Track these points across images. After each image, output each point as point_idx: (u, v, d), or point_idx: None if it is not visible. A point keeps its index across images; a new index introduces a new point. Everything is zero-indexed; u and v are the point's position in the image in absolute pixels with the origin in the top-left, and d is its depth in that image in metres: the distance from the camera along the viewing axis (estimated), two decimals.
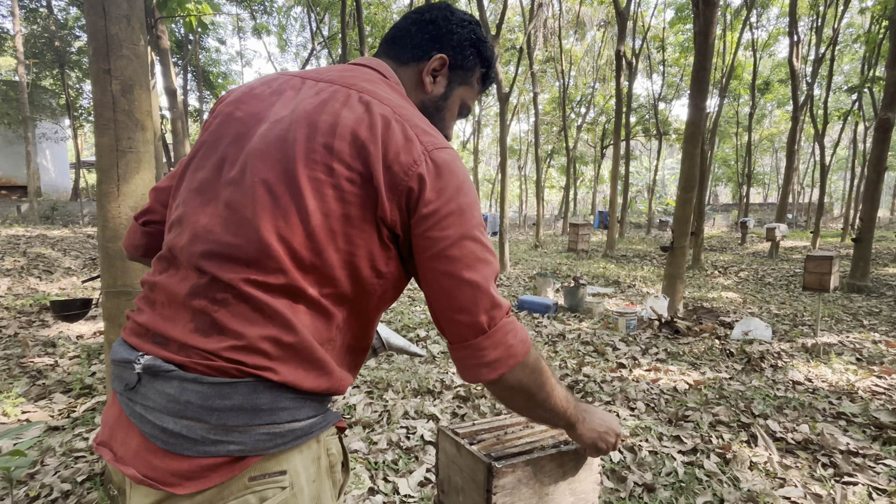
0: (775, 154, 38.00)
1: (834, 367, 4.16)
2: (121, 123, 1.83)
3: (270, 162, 0.71)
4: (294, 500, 0.70)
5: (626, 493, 2.27)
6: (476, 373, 0.75)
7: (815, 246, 14.03)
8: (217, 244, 0.70)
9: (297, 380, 0.70)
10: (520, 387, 0.78)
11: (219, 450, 0.65)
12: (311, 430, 0.73)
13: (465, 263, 0.72)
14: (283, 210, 0.69)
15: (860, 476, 2.44)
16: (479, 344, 0.73)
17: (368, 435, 2.79)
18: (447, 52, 0.89)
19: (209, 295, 0.69)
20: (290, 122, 0.73)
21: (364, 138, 0.71)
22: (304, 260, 0.70)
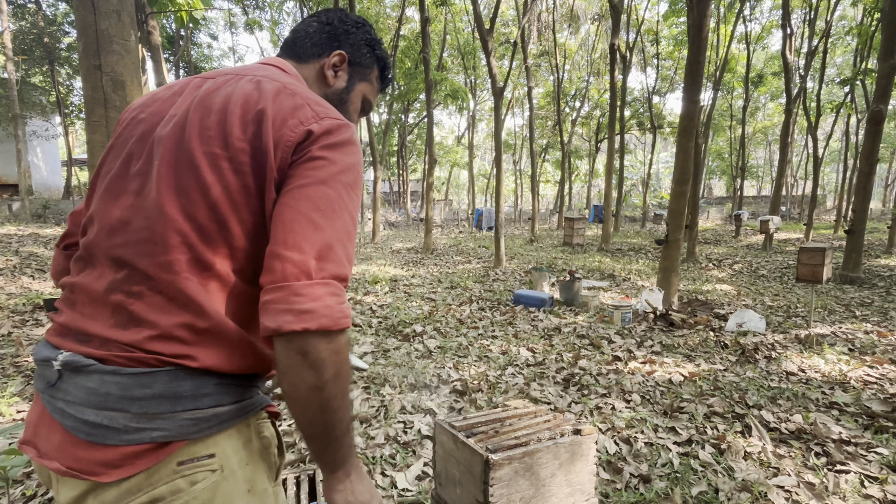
0: (769, 147, 38.16)
1: (827, 358, 4.20)
2: (113, 120, 1.81)
3: (170, 146, 0.73)
4: (226, 482, 0.71)
5: (623, 484, 2.29)
6: (279, 318, 0.66)
7: (809, 238, 14.13)
8: (131, 232, 0.72)
9: (219, 363, 0.71)
10: (316, 360, 0.66)
11: (142, 437, 0.66)
12: (238, 414, 0.74)
13: (319, 207, 0.70)
14: (185, 187, 0.71)
15: (852, 464, 2.47)
16: (297, 288, 0.66)
17: (366, 430, 2.80)
18: (346, 50, 0.95)
19: (125, 288, 0.71)
20: (188, 110, 0.76)
21: (254, 109, 0.73)
22: (210, 233, 0.71)
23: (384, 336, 4.80)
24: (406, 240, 15.79)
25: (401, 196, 28.82)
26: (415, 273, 9.05)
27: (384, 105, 24.70)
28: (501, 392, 3.41)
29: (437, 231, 19.91)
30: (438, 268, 9.81)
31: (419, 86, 17.79)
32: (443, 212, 27.35)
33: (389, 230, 20.46)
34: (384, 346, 4.43)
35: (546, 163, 31.65)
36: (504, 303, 6.49)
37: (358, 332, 4.90)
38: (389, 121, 24.94)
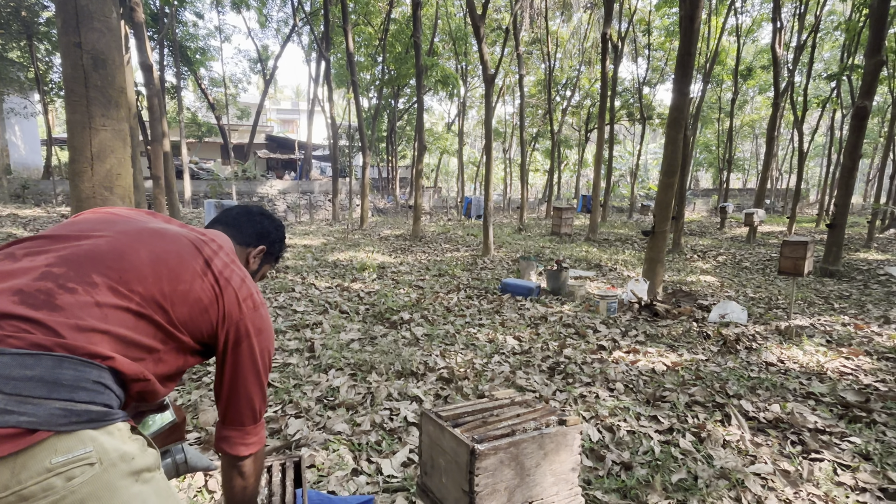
0: (755, 140, 38.54)
1: (805, 349, 4.30)
2: (94, 100, 1.76)
3: (173, 243, 1.01)
4: (107, 474, 0.73)
5: (605, 472, 2.33)
6: (237, 447, 1.10)
7: (791, 231, 14.36)
8: (104, 258, 0.91)
9: (105, 352, 0.80)
10: (251, 469, 1.14)
11: (7, 420, 0.65)
12: (107, 417, 0.77)
13: (260, 376, 1.10)
14: (171, 270, 0.97)
15: (826, 452, 2.54)
16: (248, 429, 1.11)
17: (352, 417, 2.81)
18: (266, 245, 1.33)
19: (63, 283, 0.83)
20: (186, 235, 1.06)
21: (223, 278, 1.04)
22: (165, 303, 0.94)
23: (371, 323, 4.80)
24: (394, 227, 15.73)
25: (389, 182, 28.63)
26: (403, 260, 9.04)
27: (374, 90, 24.40)
28: (487, 380, 3.44)
29: (426, 218, 19.85)
30: (427, 255, 9.80)
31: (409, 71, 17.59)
32: (431, 199, 27.25)
33: (378, 217, 20.35)
34: (371, 332, 4.43)
35: (536, 152, 31.63)
36: (491, 291, 6.51)
37: (345, 318, 4.89)
38: (379, 106, 24.66)
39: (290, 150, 30.27)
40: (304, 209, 20.02)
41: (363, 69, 22.31)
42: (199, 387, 3.11)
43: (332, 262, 8.47)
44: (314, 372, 3.46)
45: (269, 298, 5.62)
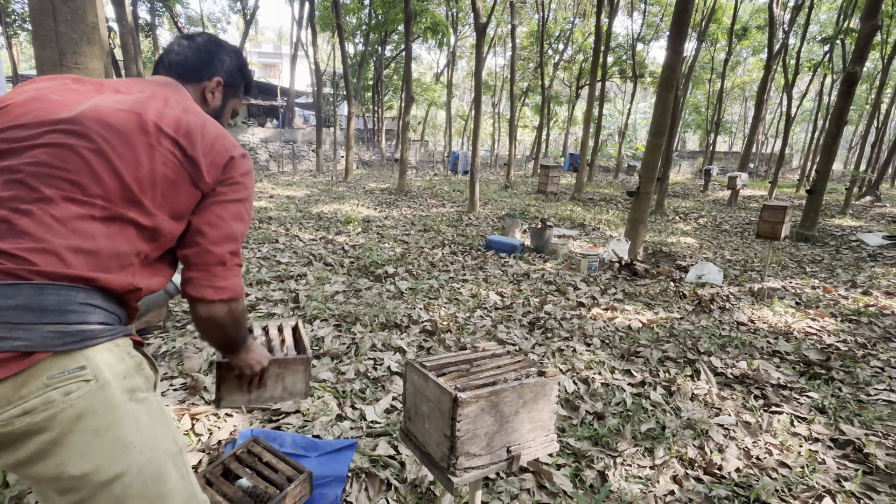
0: (745, 103, 38.35)
1: (775, 310, 4.47)
2: (64, 35, 1.66)
3: (114, 125, 0.88)
4: (103, 391, 0.78)
5: (579, 421, 2.45)
6: (203, 290, 0.96)
7: (772, 196, 14.59)
8: (49, 168, 0.82)
9: (85, 273, 0.80)
10: (223, 318, 1.00)
11: (2, 346, 0.70)
12: (103, 334, 0.81)
13: (234, 217, 1.00)
14: (123, 158, 0.87)
15: (785, 406, 2.70)
16: (215, 271, 0.97)
17: (336, 366, 2.87)
18: (222, 76, 1.16)
19: (15, 206, 0.78)
20: (123, 105, 0.92)
21: (184, 128, 0.94)
22: (132, 195, 0.87)
23: (356, 276, 4.82)
24: (380, 180, 15.53)
25: (375, 134, 27.99)
26: (388, 214, 8.99)
27: (360, 35, 23.40)
28: (469, 333, 3.52)
29: (412, 172, 19.61)
30: (412, 210, 9.76)
31: (398, 16, 16.87)
32: (418, 153, 26.82)
33: (363, 169, 20.03)
34: (356, 285, 4.46)
35: (525, 107, 31.08)
36: (476, 248, 6.56)
37: (330, 271, 4.91)
38: (365, 52, 23.74)
39: (273, 96, 29.21)
40: (286, 159, 19.57)
41: (349, 12, 21.29)
42: (184, 334, 3.13)
43: (317, 214, 8.38)
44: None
45: (252, 249, 5.59)
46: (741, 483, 2.03)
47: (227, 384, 1.25)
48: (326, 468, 1.87)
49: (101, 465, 0.77)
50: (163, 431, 0.87)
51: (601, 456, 2.16)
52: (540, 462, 2.05)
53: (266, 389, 1.29)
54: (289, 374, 1.31)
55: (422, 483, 1.88)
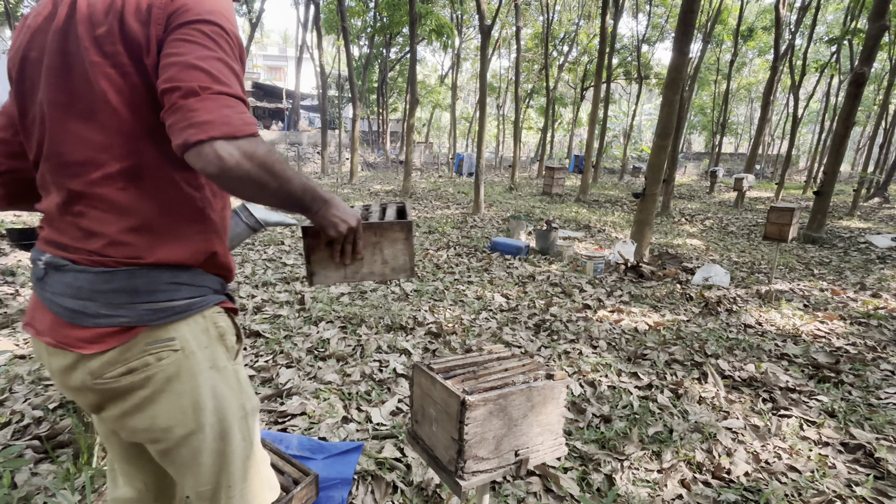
0: (751, 104, 38.17)
1: (783, 313, 4.44)
2: None
3: (67, 73, 0.81)
4: (187, 360, 0.89)
5: (585, 424, 2.43)
6: (184, 133, 0.71)
7: (779, 197, 14.50)
8: (56, 158, 0.84)
9: (168, 257, 0.85)
10: (233, 164, 0.72)
11: (111, 321, 0.83)
12: (190, 308, 0.89)
13: (180, 45, 0.76)
14: (83, 106, 0.80)
15: (794, 410, 2.68)
16: (189, 104, 0.72)
17: (342, 367, 2.87)
18: None
19: (71, 209, 0.84)
20: (65, 29, 0.81)
21: (111, 6, 0.78)
22: (116, 143, 0.81)
23: None
24: (384, 182, 15.55)
25: (380, 136, 28.05)
26: None
27: (365, 38, 23.47)
28: (475, 335, 3.51)
29: (417, 174, 19.63)
30: (417, 212, 9.76)
31: (403, 18, 16.90)
32: (423, 154, 26.86)
33: (367, 171, 20.07)
34: (361, 287, 4.46)
35: (530, 109, 31.06)
36: (481, 249, 6.55)
37: None
38: (370, 55, 23.81)
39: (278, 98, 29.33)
40: (292, 161, 19.64)
41: (354, 15, 21.36)
42: None
43: None
44: (305, 324, 3.50)
45: (258, 251, 5.60)
46: (750, 487, 2.01)
47: (318, 254, 1.06)
48: (332, 470, 1.87)
49: (182, 422, 0.89)
50: (234, 398, 0.96)
51: (608, 459, 2.14)
52: (547, 465, 2.04)
53: (363, 263, 1.10)
54: (387, 244, 1.10)
55: (428, 486, 1.87)
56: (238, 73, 0.79)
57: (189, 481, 0.95)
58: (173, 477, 0.98)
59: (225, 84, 0.75)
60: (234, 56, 0.79)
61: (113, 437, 1.03)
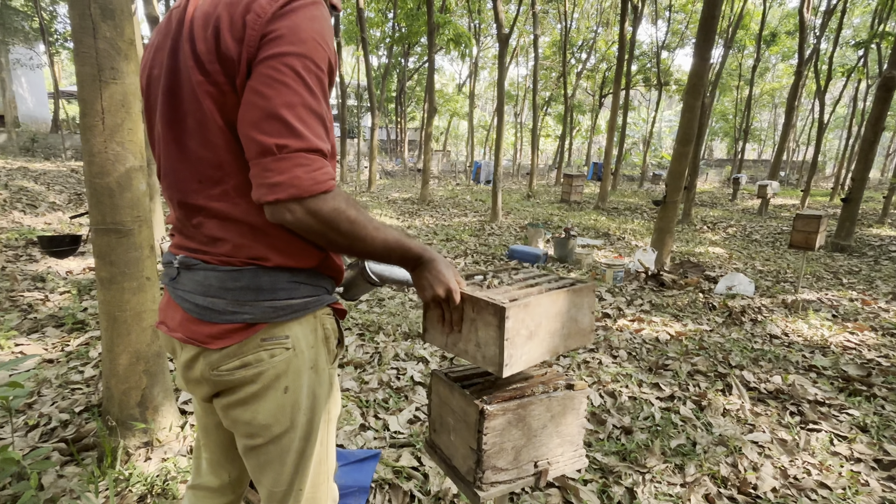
0: (774, 109, 37.45)
1: (811, 323, 4.31)
2: (103, 52, 1.73)
3: (177, 92, 0.85)
4: (296, 359, 0.91)
5: (605, 435, 2.39)
6: (258, 192, 0.77)
7: (805, 204, 14.15)
8: (175, 178, 0.90)
9: (287, 262, 0.88)
10: (310, 220, 0.77)
11: (236, 318, 0.87)
12: (307, 307, 0.92)
13: (269, 82, 0.74)
14: (193, 127, 0.84)
15: (824, 424, 2.59)
16: (265, 164, 0.75)
17: (360, 375, 2.87)
18: None
19: (192, 221, 0.90)
20: (174, 49, 0.85)
21: (211, 23, 0.78)
22: (227, 160, 0.83)
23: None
24: (402, 190, 15.64)
25: (398, 144, 28.26)
26: (411, 224, 9.04)
27: (383, 48, 23.75)
28: None
29: (434, 182, 19.70)
30: (434, 219, 9.79)
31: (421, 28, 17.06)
32: (440, 163, 26.95)
33: (385, 179, 20.21)
34: (379, 294, 4.47)
35: (548, 116, 30.98)
36: (498, 257, 6.52)
37: None
38: (389, 65, 24.06)
39: None
40: None
41: (373, 25, 21.66)
42: None
43: None
44: None
45: None
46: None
47: (430, 312, 1.03)
48: (350, 478, 1.87)
49: (280, 420, 0.92)
50: (324, 402, 0.98)
51: (629, 472, 2.10)
52: (566, 477, 2.01)
53: (461, 337, 0.99)
54: (482, 325, 0.95)
55: (445, 496, 1.85)
56: (323, 114, 0.79)
57: (267, 479, 0.96)
58: (251, 472, 0.99)
59: (304, 138, 0.75)
60: (322, 91, 0.79)
61: (215, 429, 1.07)
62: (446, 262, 0.99)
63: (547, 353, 0.99)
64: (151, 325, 2.01)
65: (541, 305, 0.96)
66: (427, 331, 1.06)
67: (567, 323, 1.01)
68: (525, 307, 0.93)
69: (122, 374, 1.97)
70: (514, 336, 0.92)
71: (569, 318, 1.01)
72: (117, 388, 1.98)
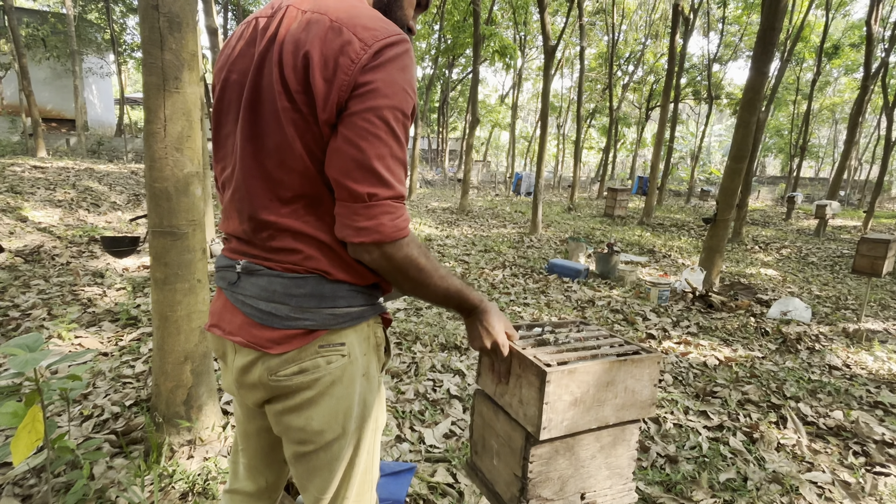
0: (835, 125, 35.52)
1: (876, 355, 4.01)
2: (169, 63, 1.81)
3: (259, 110, 0.86)
4: (350, 366, 0.92)
5: (649, 463, 2.28)
6: (343, 231, 0.83)
7: (868, 226, 13.29)
8: (244, 190, 0.90)
9: (347, 278, 0.90)
10: (384, 263, 0.85)
11: (298, 324, 0.87)
12: (363, 315, 0.93)
13: (363, 134, 0.79)
14: (271, 147, 0.84)
15: (893, 467, 2.38)
16: (355, 209, 0.81)
17: (397, 385, 2.87)
18: None
19: (260, 234, 0.90)
20: (260, 66, 0.85)
21: (301, 55, 0.79)
22: (299, 182, 0.85)
23: None
24: (442, 199, 15.72)
25: (439, 154, 28.49)
26: (449, 234, 9.05)
27: (429, 59, 24.08)
28: None
29: (474, 192, 19.71)
30: (473, 230, 9.77)
31: (467, 40, 17.19)
32: (480, 173, 26.98)
33: (426, 188, 20.38)
34: (416, 304, 4.48)
35: (591, 129, 30.51)
36: (538, 271, 6.43)
37: None
38: (433, 76, 24.37)
39: None
40: None
41: (420, 37, 22.03)
42: None
43: None
44: None
45: None
46: None
47: (484, 359, 1.04)
48: (385, 491, 1.85)
49: (332, 427, 0.92)
50: (374, 410, 0.98)
51: None
52: None
53: (508, 389, 1.00)
54: (525, 384, 0.95)
55: None
56: (405, 159, 0.85)
57: (315, 487, 0.96)
58: (297, 480, 0.98)
59: (391, 187, 0.82)
60: (406, 136, 0.85)
61: (255, 434, 1.07)
62: (499, 315, 1.01)
63: (594, 423, 0.95)
64: (200, 326, 2.07)
65: (590, 373, 0.93)
66: (480, 375, 1.08)
67: (622, 394, 0.96)
68: (570, 373, 0.91)
69: (171, 373, 2.04)
70: (556, 401, 0.90)
71: (624, 388, 0.96)
72: (165, 386, 2.05)
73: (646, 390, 0.98)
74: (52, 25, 16.33)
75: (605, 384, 0.94)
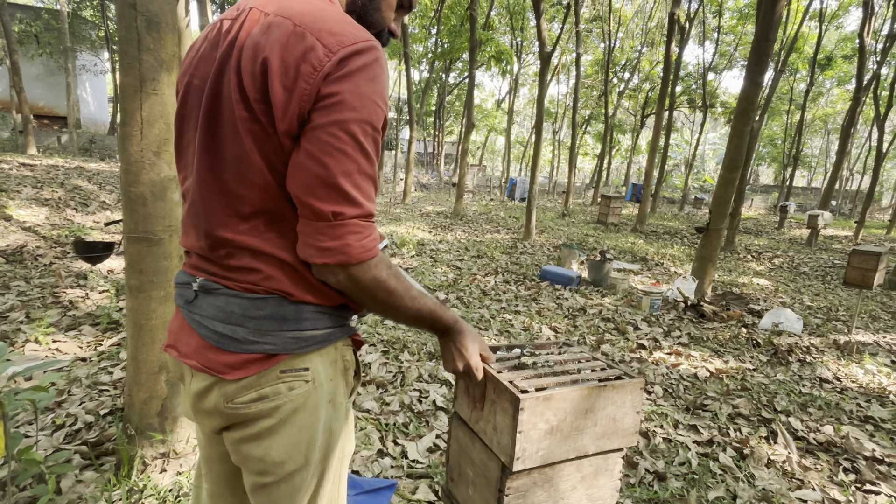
0: (827, 136, 35.85)
1: (866, 368, 3.99)
2: (145, 63, 1.75)
3: (218, 119, 0.80)
4: (315, 392, 0.86)
5: (637, 480, 2.23)
6: (306, 250, 0.78)
7: (859, 237, 13.37)
8: (203, 207, 0.84)
9: (310, 299, 0.84)
10: (351, 285, 0.80)
11: (256, 348, 0.81)
12: (330, 338, 0.87)
13: (328, 150, 0.73)
14: (230, 159, 0.79)
15: (883, 485, 2.35)
16: (318, 228, 0.76)
17: (381, 395, 2.81)
18: None
19: (217, 252, 0.84)
20: (218, 72, 0.79)
21: (259, 61, 0.73)
22: (257, 197, 0.79)
23: None
24: (436, 203, 15.67)
25: (434, 158, 28.47)
26: (442, 238, 9.00)
27: (425, 62, 24.09)
28: None
29: (469, 197, 19.68)
30: (466, 235, 9.72)
31: (463, 45, 17.21)
32: (475, 177, 26.97)
33: (420, 192, 20.33)
34: None
35: (586, 135, 30.62)
36: (530, 277, 6.39)
37: None
38: (430, 79, 24.37)
39: None
40: None
41: (417, 41, 22.01)
42: None
43: None
44: None
45: None
46: None
47: (460, 382, 0.99)
48: None
49: (294, 457, 0.86)
50: (340, 438, 0.93)
51: None
52: None
53: (482, 415, 0.95)
54: (500, 410, 0.90)
55: None
56: (375, 175, 0.79)
57: None
58: None
59: (359, 205, 0.76)
60: (376, 151, 0.78)
61: (218, 460, 1.00)
62: (475, 337, 0.97)
63: (572, 452, 0.90)
64: None
65: (567, 400, 0.87)
66: (457, 398, 1.03)
67: (603, 421, 0.91)
68: (546, 400, 0.85)
69: (144, 383, 1.97)
70: (530, 430, 0.85)
71: (605, 416, 0.90)
72: (138, 397, 1.98)
73: (628, 417, 0.93)
74: (46, 22, 16.17)
75: (583, 411, 0.88)
